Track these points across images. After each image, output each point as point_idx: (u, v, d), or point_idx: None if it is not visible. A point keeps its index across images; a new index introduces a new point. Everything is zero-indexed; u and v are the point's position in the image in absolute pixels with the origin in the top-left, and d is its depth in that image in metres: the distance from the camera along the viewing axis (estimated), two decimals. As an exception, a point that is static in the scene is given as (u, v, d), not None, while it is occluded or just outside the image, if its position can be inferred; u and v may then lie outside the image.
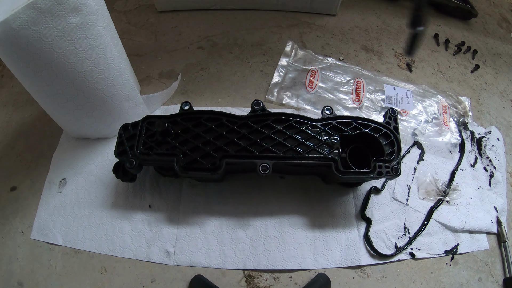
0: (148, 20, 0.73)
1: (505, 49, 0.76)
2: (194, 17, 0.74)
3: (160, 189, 0.52)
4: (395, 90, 0.64)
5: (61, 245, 0.48)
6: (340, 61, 0.68)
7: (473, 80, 0.69)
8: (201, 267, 0.47)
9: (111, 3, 0.76)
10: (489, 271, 0.48)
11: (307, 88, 0.63)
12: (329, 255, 0.48)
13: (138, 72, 0.65)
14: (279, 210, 0.51)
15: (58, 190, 0.52)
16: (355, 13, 0.78)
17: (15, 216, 0.50)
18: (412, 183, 0.54)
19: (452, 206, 0.52)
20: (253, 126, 0.45)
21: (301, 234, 0.49)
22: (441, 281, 0.47)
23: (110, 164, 0.53)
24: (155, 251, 0.47)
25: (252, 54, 0.68)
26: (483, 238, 0.50)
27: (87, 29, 0.40)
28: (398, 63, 0.70)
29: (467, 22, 0.80)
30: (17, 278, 0.46)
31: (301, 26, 0.74)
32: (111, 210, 0.50)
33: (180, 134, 0.45)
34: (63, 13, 0.37)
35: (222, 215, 0.50)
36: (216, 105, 0.61)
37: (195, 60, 0.67)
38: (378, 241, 0.49)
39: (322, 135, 0.45)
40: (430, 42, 0.75)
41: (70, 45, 0.40)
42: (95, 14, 0.41)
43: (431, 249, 0.49)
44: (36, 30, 0.36)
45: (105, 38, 0.44)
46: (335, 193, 0.52)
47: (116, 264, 0.47)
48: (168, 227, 0.49)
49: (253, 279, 0.46)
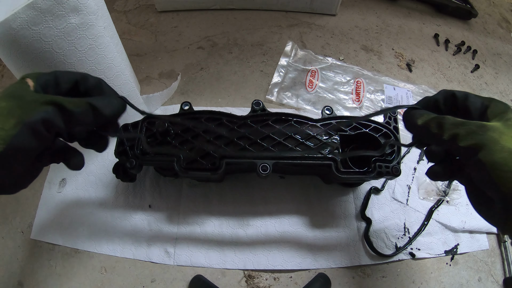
0: (148, 20, 0.73)
1: (505, 49, 0.76)
2: (194, 17, 0.74)
3: (160, 189, 0.52)
4: (395, 90, 0.64)
5: (61, 245, 0.48)
6: (340, 61, 0.68)
7: (473, 80, 0.69)
8: (201, 267, 0.47)
9: (111, 3, 0.76)
10: (489, 271, 0.48)
11: (307, 88, 0.63)
12: (329, 255, 0.48)
13: (138, 72, 0.65)
14: (279, 210, 0.51)
15: (58, 190, 0.52)
16: (355, 13, 0.78)
17: (15, 216, 0.50)
18: (412, 183, 0.54)
19: (452, 206, 0.52)
20: (253, 126, 0.45)
21: (301, 234, 0.49)
22: (441, 281, 0.47)
23: (110, 164, 0.53)
24: (155, 251, 0.47)
25: (252, 54, 0.68)
26: (483, 238, 0.50)
27: (87, 29, 0.40)
28: (398, 63, 0.70)
29: (467, 22, 0.80)
30: (17, 278, 0.46)
31: (301, 26, 0.74)
32: (111, 210, 0.50)
33: (180, 134, 0.45)
34: (63, 13, 0.37)
35: (222, 215, 0.50)
36: (216, 105, 0.61)
37: (195, 60, 0.67)
38: (378, 241, 0.49)
39: (322, 135, 0.45)
40: (430, 42, 0.75)
41: (70, 45, 0.40)
42: (95, 14, 0.41)
43: (431, 249, 0.49)
44: (36, 30, 0.36)
45: (105, 38, 0.44)
46: (335, 193, 0.52)
47: (116, 264, 0.47)
48: (168, 227, 0.49)
49: (253, 279, 0.46)
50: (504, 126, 0.28)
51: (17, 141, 0.26)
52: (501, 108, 0.30)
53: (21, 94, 0.27)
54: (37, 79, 0.29)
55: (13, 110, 0.26)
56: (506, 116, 0.29)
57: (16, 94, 0.27)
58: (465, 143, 0.29)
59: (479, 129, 0.29)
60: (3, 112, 0.26)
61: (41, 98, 0.27)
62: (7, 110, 0.26)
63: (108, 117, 0.32)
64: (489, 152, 0.27)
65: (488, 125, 0.29)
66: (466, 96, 0.33)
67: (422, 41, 0.74)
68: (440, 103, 0.34)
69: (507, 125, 0.28)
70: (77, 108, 0.29)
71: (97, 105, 0.30)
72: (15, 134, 0.26)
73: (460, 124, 0.30)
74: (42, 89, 0.29)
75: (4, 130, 0.25)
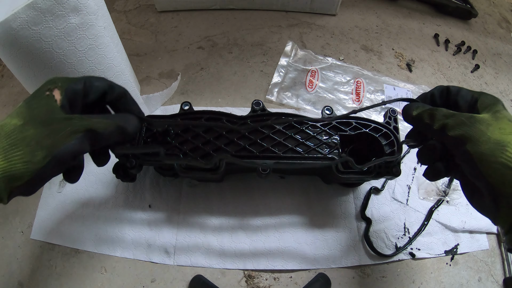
0: (148, 20, 0.73)
1: (505, 49, 0.76)
2: (194, 17, 0.74)
3: (160, 189, 0.52)
4: (395, 90, 0.64)
5: (61, 245, 0.48)
6: (340, 61, 0.68)
7: (473, 80, 0.69)
8: (201, 267, 0.47)
9: (111, 3, 0.76)
10: (489, 271, 0.48)
11: (307, 88, 0.63)
12: (329, 255, 0.48)
13: (138, 72, 0.65)
14: (279, 210, 0.51)
15: (58, 190, 0.52)
16: (355, 13, 0.78)
17: (15, 216, 0.50)
18: (412, 183, 0.54)
19: (452, 206, 0.52)
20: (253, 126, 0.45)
21: (301, 234, 0.49)
22: (441, 281, 0.47)
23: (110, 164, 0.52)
24: (155, 251, 0.47)
25: (252, 54, 0.68)
26: (483, 238, 0.50)
27: (87, 29, 0.40)
28: (398, 63, 0.70)
29: (467, 22, 0.80)
30: (17, 278, 0.46)
31: (301, 26, 0.74)
32: (111, 210, 0.50)
33: (180, 134, 0.45)
34: (63, 13, 0.37)
35: (222, 215, 0.50)
36: (216, 105, 0.61)
37: (195, 60, 0.67)
38: (378, 241, 0.49)
39: (322, 135, 0.45)
40: (430, 42, 0.75)
41: (70, 45, 0.40)
42: (95, 14, 0.41)
43: (431, 249, 0.49)
44: (36, 30, 0.36)
45: (105, 38, 0.44)
46: (335, 193, 0.52)
47: (116, 264, 0.47)
48: (168, 227, 0.49)
49: (253, 279, 0.46)
50: (492, 117, 0.29)
51: (44, 172, 0.26)
52: (491, 100, 0.31)
53: (49, 118, 0.26)
54: (65, 91, 0.28)
55: (41, 140, 0.25)
56: (495, 108, 0.30)
57: (44, 118, 0.26)
58: (453, 133, 0.30)
59: (467, 120, 0.29)
60: (30, 142, 0.25)
61: (70, 125, 0.26)
62: (36, 141, 0.25)
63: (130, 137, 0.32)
64: (476, 143, 0.28)
65: (476, 117, 0.29)
66: (458, 90, 0.34)
67: (422, 41, 0.74)
68: (436, 97, 0.36)
69: (495, 117, 0.29)
70: (106, 130, 0.28)
71: (124, 126, 0.30)
72: (42, 167, 0.25)
73: (450, 115, 0.31)
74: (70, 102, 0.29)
75: (33, 163, 0.25)
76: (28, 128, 0.25)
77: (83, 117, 0.28)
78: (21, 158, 0.24)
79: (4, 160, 0.24)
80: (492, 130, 0.28)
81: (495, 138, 0.27)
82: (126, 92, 0.33)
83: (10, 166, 0.24)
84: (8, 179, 0.24)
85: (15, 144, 0.24)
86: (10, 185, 0.24)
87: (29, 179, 0.25)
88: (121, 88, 0.33)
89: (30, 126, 0.25)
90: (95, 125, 0.28)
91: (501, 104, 0.31)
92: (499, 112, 0.29)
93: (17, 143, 0.24)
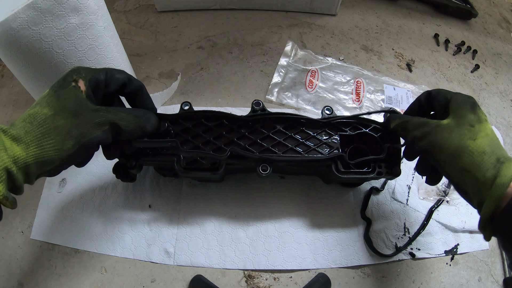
0: (148, 20, 0.73)
1: (505, 49, 0.76)
2: (194, 17, 0.74)
3: (160, 189, 0.52)
4: (395, 90, 0.64)
5: (61, 245, 0.48)
6: (340, 61, 0.68)
7: (473, 80, 0.69)
8: (201, 267, 0.47)
9: (111, 3, 0.76)
10: (489, 271, 0.48)
11: (307, 88, 0.63)
12: (329, 255, 0.48)
13: (138, 72, 0.65)
14: (279, 210, 0.51)
15: (58, 190, 0.52)
16: (355, 13, 0.78)
17: (15, 216, 0.50)
18: (412, 183, 0.54)
19: (452, 206, 0.52)
20: (253, 126, 0.45)
21: (301, 234, 0.49)
22: (441, 281, 0.47)
23: (110, 164, 0.52)
24: (155, 251, 0.47)
25: (252, 54, 0.68)
26: (483, 238, 0.50)
27: (87, 29, 0.40)
28: (398, 63, 0.70)
29: (467, 22, 0.80)
30: (17, 278, 0.45)
31: (301, 26, 0.74)
32: (111, 210, 0.50)
33: (180, 134, 0.45)
34: (63, 13, 0.37)
35: (222, 215, 0.50)
36: (216, 105, 0.61)
37: (195, 60, 0.67)
38: (378, 241, 0.49)
39: (322, 135, 0.45)
40: (430, 42, 0.75)
41: (70, 45, 0.40)
42: (95, 14, 0.41)
43: (431, 249, 0.49)
44: (36, 30, 0.36)
45: (105, 38, 0.44)
46: (335, 193, 0.52)
47: (116, 264, 0.47)
48: (168, 227, 0.49)
49: (253, 279, 0.46)
50: (455, 123, 0.31)
51: (72, 158, 0.29)
52: (459, 102, 0.33)
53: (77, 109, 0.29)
54: (89, 81, 0.31)
55: (71, 130, 0.28)
56: (461, 112, 0.32)
57: (73, 109, 0.29)
58: (421, 144, 0.33)
59: (432, 129, 0.32)
60: (61, 132, 0.28)
61: (97, 117, 0.30)
62: (66, 130, 0.28)
63: (148, 135, 0.36)
64: (439, 151, 0.31)
65: (441, 125, 0.32)
66: (437, 94, 0.36)
67: (422, 41, 0.74)
68: (422, 102, 0.37)
69: (458, 123, 0.31)
70: (128, 127, 0.32)
71: (145, 125, 0.34)
72: (71, 154, 0.29)
73: (419, 126, 0.33)
74: (93, 90, 0.32)
75: (63, 151, 0.28)
76: (59, 118, 0.28)
77: (109, 109, 0.31)
78: (53, 146, 0.27)
79: (38, 147, 0.27)
80: (454, 137, 0.30)
81: (455, 145, 0.30)
82: (143, 86, 0.37)
83: (43, 153, 0.27)
84: (41, 164, 0.27)
85: (48, 133, 0.27)
86: (41, 169, 0.27)
87: (58, 164, 0.28)
88: (139, 82, 0.37)
89: (60, 117, 0.28)
90: (120, 121, 0.31)
91: (470, 104, 0.32)
92: (463, 117, 0.31)
93: (49, 132, 0.27)
